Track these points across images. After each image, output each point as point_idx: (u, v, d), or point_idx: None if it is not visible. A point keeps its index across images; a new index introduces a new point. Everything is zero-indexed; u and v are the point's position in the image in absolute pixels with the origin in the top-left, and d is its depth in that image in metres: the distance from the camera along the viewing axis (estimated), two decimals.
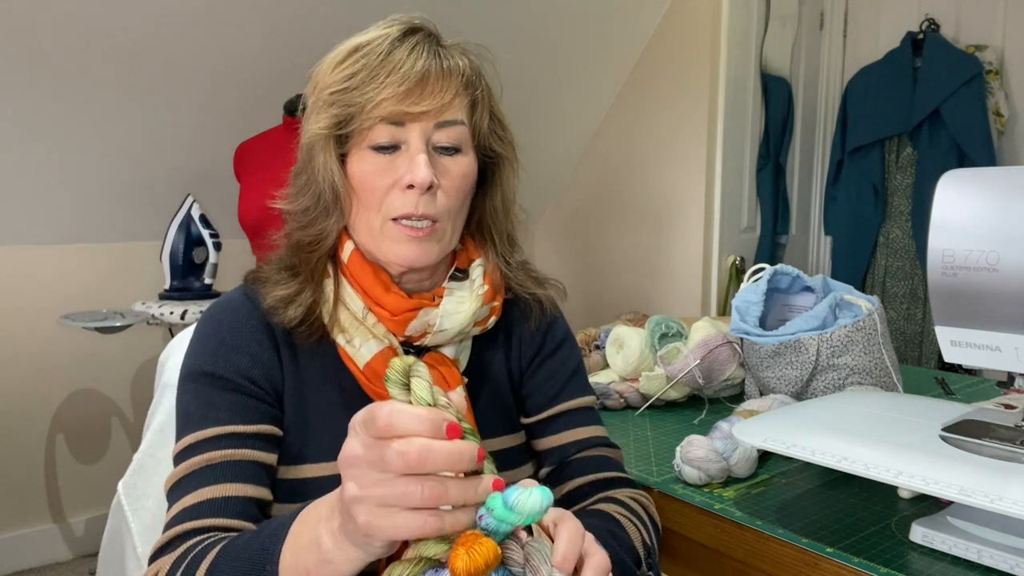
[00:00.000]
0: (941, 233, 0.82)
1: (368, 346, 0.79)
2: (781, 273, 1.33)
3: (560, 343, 0.91)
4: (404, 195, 0.76)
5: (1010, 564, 0.73)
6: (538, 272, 0.93)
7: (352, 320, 0.80)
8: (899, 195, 2.97)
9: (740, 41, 2.86)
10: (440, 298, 0.81)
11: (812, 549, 0.80)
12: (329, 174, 0.77)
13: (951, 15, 2.86)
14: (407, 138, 0.76)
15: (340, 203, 0.78)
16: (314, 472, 0.76)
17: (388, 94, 0.74)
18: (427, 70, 0.75)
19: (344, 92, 0.76)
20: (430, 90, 0.75)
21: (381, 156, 0.76)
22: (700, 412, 1.28)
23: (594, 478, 0.85)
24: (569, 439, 0.88)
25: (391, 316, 0.79)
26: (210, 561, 0.62)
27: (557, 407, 0.88)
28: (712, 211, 2.93)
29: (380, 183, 0.77)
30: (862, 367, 1.17)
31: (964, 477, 0.68)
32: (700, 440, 0.99)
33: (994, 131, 2.72)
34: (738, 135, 2.93)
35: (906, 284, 2.95)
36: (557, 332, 0.92)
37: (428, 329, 0.80)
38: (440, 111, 0.76)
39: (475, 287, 0.83)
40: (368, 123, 0.75)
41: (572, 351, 0.93)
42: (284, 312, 0.78)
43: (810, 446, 0.78)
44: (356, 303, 0.80)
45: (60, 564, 2.58)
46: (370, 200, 0.77)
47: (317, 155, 0.77)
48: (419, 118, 0.75)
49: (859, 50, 3.12)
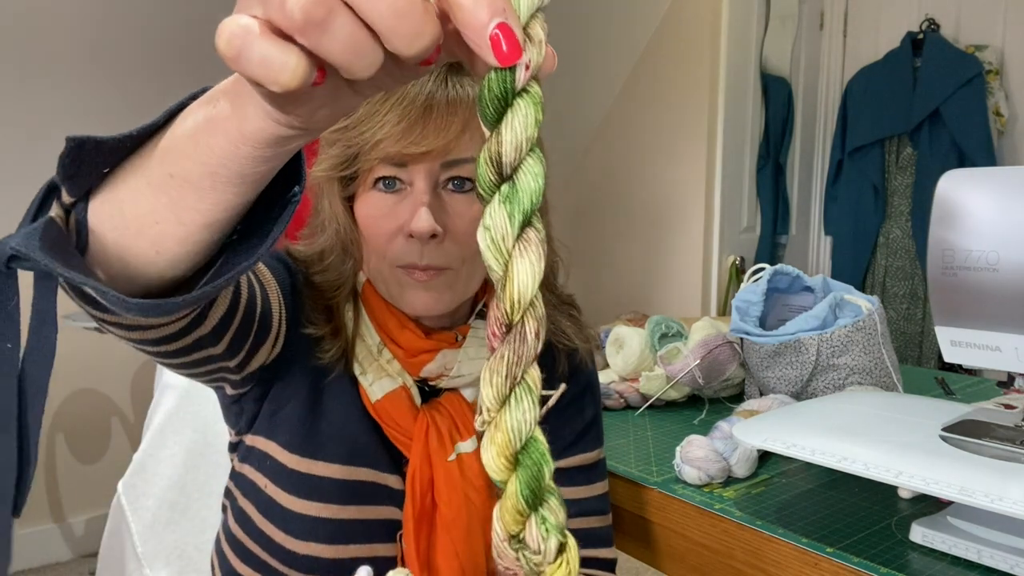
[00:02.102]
0: (941, 233, 0.82)
1: (380, 384, 0.75)
2: (781, 273, 1.33)
3: (583, 390, 0.87)
4: (408, 243, 0.70)
5: (1010, 564, 0.73)
6: (580, 316, 0.86)
7: (367, 354, 0.75)
8: (899, 195, 2.97)
9: (740, 41, 2.86)
10: (464, 338, 0.76)
11: (812, 549, 0.80)
12: (335, 219, 0.73)
13: (951, 15, 2.86)
14: (412, 179, 0.70)
15: (352, 248, 0.74)
16: (328, 472, 0.74)
17: (385, 133, 0.67)
18: (431, 103, 0.67)
19: (344, 131, 0.70)
20: (433, 126, 0.67)
21: (386, 196, 0.71)
22: (700, 412, 1.28)
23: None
24: (571, 496, 0.84)
25: (406, 356, 0.75)
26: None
27: (566, 460, 0.84)
28: (712, 211, 2.93)
29: (384, 228, 0.71)
30: (862, 367, 1.17)
31: (964, 477, 0.68)
32: (700, 440, 0.99)
33: (994, 131, 2.72)
34: (738, 135, 2.93)
35: (906, 284, 2.95)
36: (581, 378, 0.87)
37: (445, 372, 0.76)
38: (445, 150, 0.68)
39: None
40: (368, 164, 0.70)
41: (594, 399, 0.88)
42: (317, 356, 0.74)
43: (810, 446, 0.78)
44: (372, 336, 0.76)
45: (60, 564, 2.58)
46: (375, 245, 0.72)
47: (323, 199, 0.74)
48: (422, 158, 0.68)
49: (859, 50, 3.12)
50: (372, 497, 0.75)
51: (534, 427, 0.33)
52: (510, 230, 0.32)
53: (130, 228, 0.42)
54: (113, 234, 0.42)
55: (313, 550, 0.72)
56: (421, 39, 0.30)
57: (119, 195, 0.42)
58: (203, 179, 0.39)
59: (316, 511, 0.73)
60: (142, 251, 0.42)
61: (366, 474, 0.75)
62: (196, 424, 1.16)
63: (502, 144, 0.33)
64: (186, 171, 0.39)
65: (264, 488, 0.75)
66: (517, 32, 0.31)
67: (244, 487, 0.77)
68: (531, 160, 0.33)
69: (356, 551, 0.73)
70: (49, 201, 0.44)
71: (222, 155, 0.37)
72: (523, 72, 0.32)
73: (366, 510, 0.75)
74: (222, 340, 0.62)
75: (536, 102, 0.33)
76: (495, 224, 0.33)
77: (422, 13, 0.30)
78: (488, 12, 0.30)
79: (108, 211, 0.42)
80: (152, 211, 0.41)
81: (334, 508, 0.73)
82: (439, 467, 0.75)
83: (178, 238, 0.41)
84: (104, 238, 0.43)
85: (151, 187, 0.40)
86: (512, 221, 0.33)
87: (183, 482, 1.15)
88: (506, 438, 0.33)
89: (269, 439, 0.76)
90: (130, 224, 0.42)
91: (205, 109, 0.38)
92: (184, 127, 0.39)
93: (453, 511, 0.75)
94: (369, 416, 0.76)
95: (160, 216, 0.41)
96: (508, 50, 0.31)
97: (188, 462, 1.16)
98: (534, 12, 0.33)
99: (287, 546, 0.73)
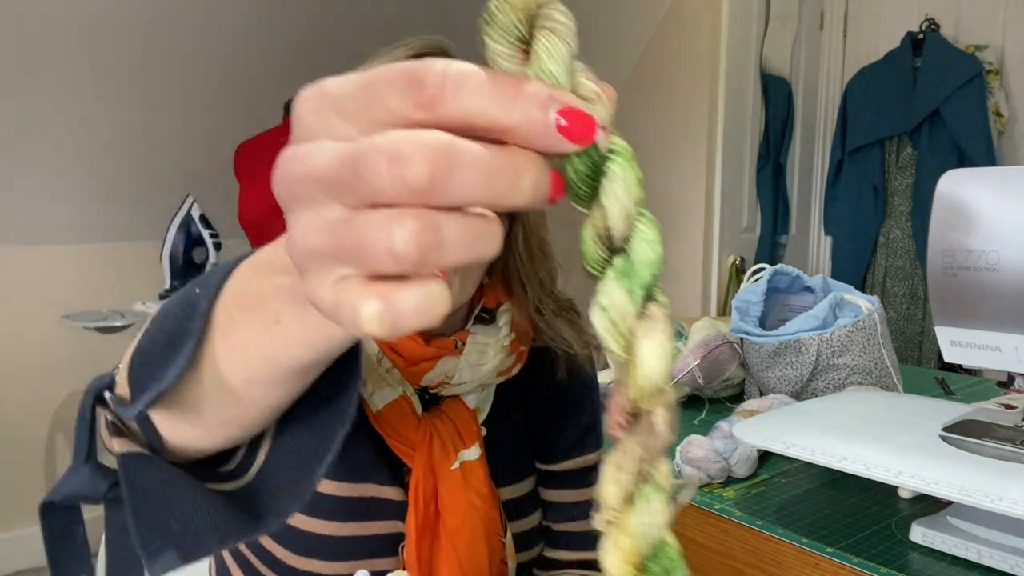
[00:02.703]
0: (941, 233, 0.82)
1: (381, 394, 0.74)
2: (781, 273, 1.33)
3: (583, 393, 0.86)
4: None
5: (1010, 564, 0.73)
6: (580, 320, 0.84)
7: (366, 364, 0.74)
8: (899, 195, 2.97)
9: (740, 41, 2.86)
10: (464, 344, 0.75)
11: (812, 549, 0.80)
12: None
13: (951, 15, 2.86)
14: None
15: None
16: (328, 489, 0.73)
17: None
18: None
19: None
20: None
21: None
22: (700, 412, 1.28)
23: (575, 557, 0.84)
24: (571, 498, 0.84)
25: (406, 364, 0.74)
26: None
27: (568, 463, 0.84)
28: (712, 211, 2.93)
29: None
30: (862, 367, 1.17)
31: (964, 477, 0.68)
32: (700, 440, 0.99)
33: (994, 131, 2.72)
34: (738, 135, 2.93)
35: (906, 284, 2.95)
36: (580, 382, 0.86)
37: (446, 379, 0.75)
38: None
39: (501, 336, 0.77)
40: None
41: (593, 403, 0.87)
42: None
43: (810, 446, 0.78)
44: (371, 345, 0.74)
45: None
46: None
47: None
48: None
49: (859, 50, 3.11)
50: (374, 512, 0.75)
51: (664, 530, 0.29)
52: (631, 308, 0.29)
53: (213, 426, 0.41)
54: (195, 435, 0.41)
55: (314, 567, 0.72)
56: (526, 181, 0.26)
57: (193, 407, 0.40)
58: (287, 375, 0.36)
59: (317, 528, 0.72)
60: (229, 436, 0.41)
61: (367, 489, 0.75)
62: None
63: (609, 218, 0.29)
64: (266, 376, 0.36)
65: None
66: (575, 103, 0.27)
67: None
68: (643, 226, 0.29)
69: (357, 567, 0.73)
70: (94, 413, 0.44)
71: (306, 361, 0.35)
72: (602, 135, 0.28)
73: (367, 526, 0.74)
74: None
75: (629, 158, 0.29)
76: (613, 303, 0.29)
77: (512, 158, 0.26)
78: (542, 112, 0.26)
79: (180, 419, 0.41)
80: (237, 409, 0.39)
81: (335, 525, 0.73)
82: (443, 476, 0.74)
83: (264, 420, 0.40)
84: (179, 437, 0.42)
85: (228, 394, 0.38)
86: (633, 297, 0.29)
87: None
88: (634, 544, 0.29)
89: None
90: (213, 423, 0.40)
91: (266, 325, 0.34)
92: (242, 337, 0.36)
93: (457, 520, 0.74)
94: (369, 428, 0.75)
95: (245, 411, 0.39)
96: (579, 130, 0.27)
97: None
98: (573, 70, 0.28)
99: (288, 562, 0.72)
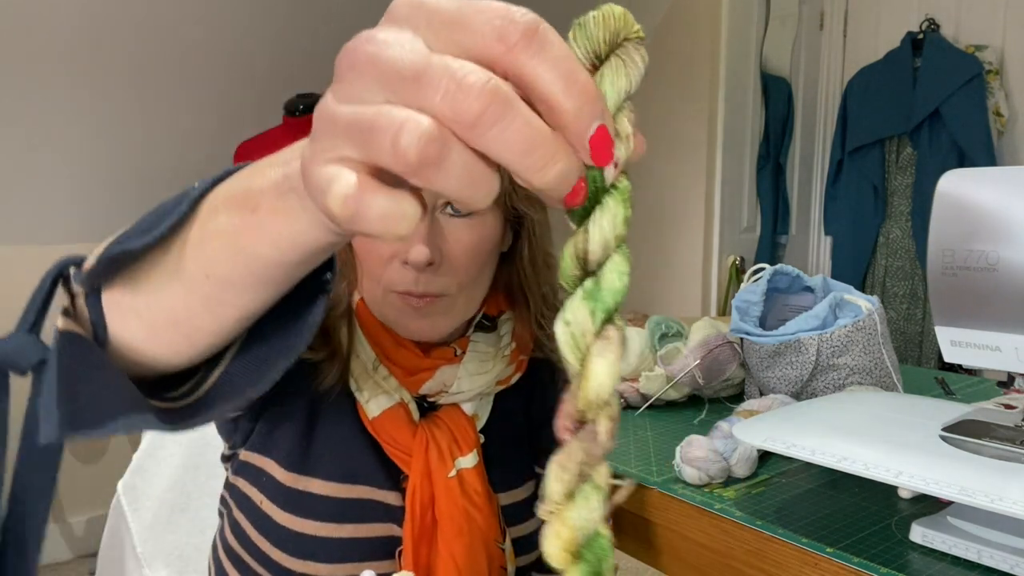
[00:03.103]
0: (941, 233, 0.82)
1: (377, 401, 0.73)
2: (781, 273, 1.33)
3: None
4: (403, 270, 0.68)
5: (1010, 564, 0.73)
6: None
7: (362, 371, 0.74)
8: (899, 195, 2.97)
9: (740, 41, 2.86)
10: (464, 352, 0.74)
11: (812, 549, 0.80)
12: None
13: (951, 15, 2.86)
14: None
15: (346, 270, 0.72)
16: (325, 490, 0.73)
17: None
18: None
19: None
20: None
21: None
22: (700, 412, 1.28)
23: None
24: None
25: (404, 375, 0.73)
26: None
27: None
28: (712, 211, 2.93)
29: (378, 253, 0.69)
30: (862, 367, 1.17)
31: (964, 477, 0.68)
32: (700, 440, 0.99)
33: (994, 131, 2.72)
34: (738, 135, 2.93)
35: (906, 284, 2.95)
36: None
37: (444, 388, 0.74)
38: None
39: (502, 344, 0.76)
40: None
41: None
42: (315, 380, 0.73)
43: (810, 446, 0.77)
44: (367, 352, 0.74)
45: (60, 564, 2.58)
46: (370, 269, 0.71)
47: None
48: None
49: (859, 50, 3.12)
50: (370, 515, 0.74)
51: (599, 524, 0.33)
52: (591, 327, 0.31)
53: (158, 321, 0.40)
54: (138, 323, 0.41)
55: (310, 568, 0.72)
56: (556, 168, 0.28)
57: (146, 287, 0.40)
58: (244, 278, 0.37)
59: (313, 530, 0.72)
60: (173, 342, 0.41)
61: (364, 491, 0.74)
62: None
63: (589, 242, 0.32)
64: (224, 273, 0.37)
65: (260, 504, 0.74)
66: (611, 131, 0.29)
67: (239, 500, 0.76)
68: (617, 258, 0.32)
69: (353, 569, 0.73)
70: (52, 290, 0.43)
71: (267, 262, 0.36)
72: (612, 171, 0.31)
73: (364, 528, 0.74)
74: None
75: (624, 199, 0.32)
76: (576, 320, 0.32)
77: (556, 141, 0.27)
78: (590, 117, 0.28)
79: (131, 303, 0.41)
80: (185, 307, 0.39)
81: (331, 527, 0.73)
82: (439, 484, 0.74)
83: (212, 331, 0.40)
84: (126, 329, 0.41)
85: (184, 286, 0.39)
86: (594, 318, 0.32)
87: (183, 482, 1.15)
88: (572, 535, 0.32)
89: (265, 456, 0.75)
90: (158, 317, 0.40)
91: (242, 214, 0.35)
92: (217, 225, 0.37)
93: (455, 528, 0.74)
94: (367, 432, 0.75)
95: (193, 312, 0.39)
96: (602, 152, 0.29)
97: (187, 462, 1.16)
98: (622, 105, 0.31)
99: (283, 564, 0.72)
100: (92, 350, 0.40)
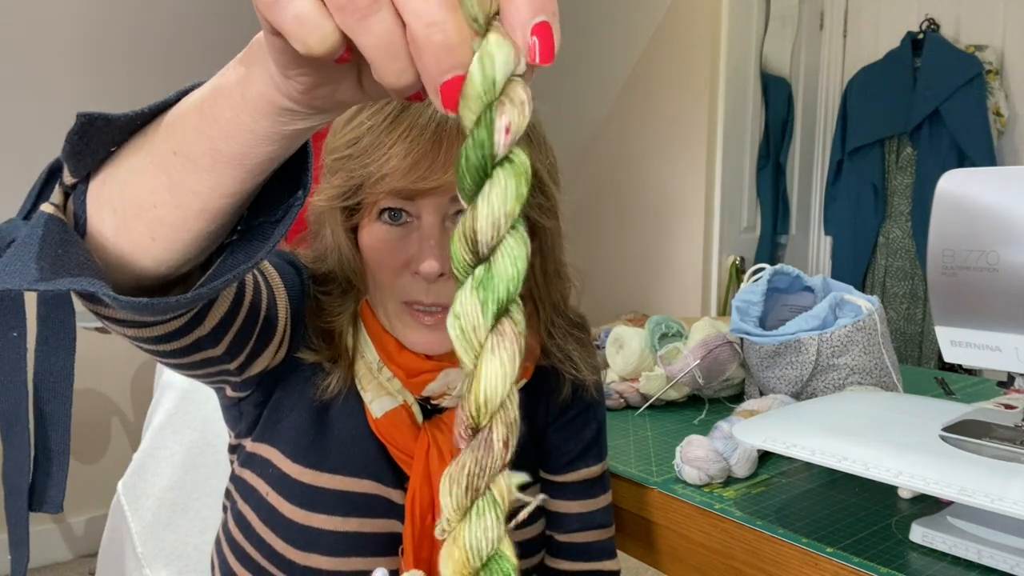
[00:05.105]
0: (941, 233, 0.82)
1: (380, 402, 0.74)
2: (781, 273, 1.33)
3: (587, 408, 0.86)
4: (414, 280, 0.68)
5: (1010, 564, 0.73)
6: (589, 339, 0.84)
7: (367, 371, 0.74)
8: (899, 195, 2.97)
9: (740, 41, 2.86)
10: None
11: (812, 549, 0.80)
12: (337, 249, 0.71)
13: (951, 15, 2.86)
14: (419, 212, 0.67)
15: (355, 278, 0.72)
16: (331, 483, 0.74)
17: (392, 168, 0.64)
18: (439, 134, 0.64)
19: (347, 159, 0.67)
20: (443, 160, 0.64)
21: (392, 228, 0.68)
22: (700, 412, 1.28)
23: (576, 568, 0.84)
24: (575, 509, 0.84)
25: (407, 377, 0.74)
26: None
27: (572, 474, 0.84)
28: (712, 211, 2.93)
29: (389, 262, 0.69)
30: (862, 367, 1.17)
31: (964, 477, 0.68)
32: (700, 440, 0.99)
33: (994, 131, 2.72)
34: (738, 135, 2.93)
35: (906, 284, 2.95)
36: (583, 399, 0.85)
37: (448, 391, 0.75)
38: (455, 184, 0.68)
39: None
40: (373, 197, 0.67)
41: (596, 418, 0.87)
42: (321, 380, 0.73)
43: (810, 446, 0.77)
44: (371, 353, 0.74)
45: (60, 564, 2.58)
46: (380, 278, 0.70)
47: (325, 227, 0.72)
48: (430, 193, 0.65)
49: (859, 50, 3.12)
50: (375, 510, 0.75)
51: (498, 544, 0.29)
52: (482, 321, 0.28)
53: (128, 210, 0.42)
54: (111, 218, 0.42)
55: (313, 561, 0.72)
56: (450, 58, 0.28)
57: (120, 173, 0.42)
58: (204, 156, 0.39)
59: (318, 523, 0.72)
60: (139, 236, 0.42)
61: (369, 486, 0.75)
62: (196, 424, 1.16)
63: (477, 220, 0.28)
64: (188, 146, 0.39)
65: (266, 496, 0.74)
66: (556, 35, 0.28)
67: (244, 491, 0.76)
68: (511, 241, 0.28)
69: (358, 563, 0.73)
70: (51, 184, 0.45)
71: (225, 126, 0.37)
72: (503, 136, 0.27)
73: (369, 523, 0.74)
74: (221, 342, 0.61)
75: (519, 173, 0.28)
76: (465, 313, 0.28)
77: (456, 30, 0.27)
78: (531, 9, 0.28)
79: (108, 193, 0.42)
80: (151, 192, 0.41)
81: (337, 520, 0.73)
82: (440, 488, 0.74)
83: (175, 224, 0.41)
84: (102, 223, 0.43)
85: (153, 165, 0.41)
86: (485, 311, 0.28)
87: (183, 482, 1.15)
88: (464, 556, 0.28)
89: (272, 447, 0.75)
90: (128, 206, 0.42)
91: (213, 80, 0.39)
92: (191, 99, 0.40)
93: None
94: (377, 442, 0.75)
95: (159, 199, 0.41)
96: (541, 52, 0.28)
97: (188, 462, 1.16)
98: (512, 74, 0.28)
99: (287, 556, 0.72)
100: (69, 231, 0.42)
